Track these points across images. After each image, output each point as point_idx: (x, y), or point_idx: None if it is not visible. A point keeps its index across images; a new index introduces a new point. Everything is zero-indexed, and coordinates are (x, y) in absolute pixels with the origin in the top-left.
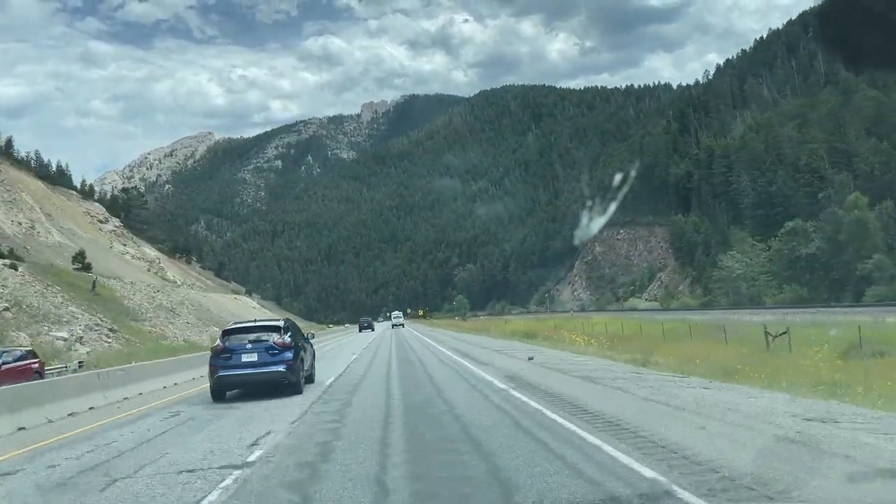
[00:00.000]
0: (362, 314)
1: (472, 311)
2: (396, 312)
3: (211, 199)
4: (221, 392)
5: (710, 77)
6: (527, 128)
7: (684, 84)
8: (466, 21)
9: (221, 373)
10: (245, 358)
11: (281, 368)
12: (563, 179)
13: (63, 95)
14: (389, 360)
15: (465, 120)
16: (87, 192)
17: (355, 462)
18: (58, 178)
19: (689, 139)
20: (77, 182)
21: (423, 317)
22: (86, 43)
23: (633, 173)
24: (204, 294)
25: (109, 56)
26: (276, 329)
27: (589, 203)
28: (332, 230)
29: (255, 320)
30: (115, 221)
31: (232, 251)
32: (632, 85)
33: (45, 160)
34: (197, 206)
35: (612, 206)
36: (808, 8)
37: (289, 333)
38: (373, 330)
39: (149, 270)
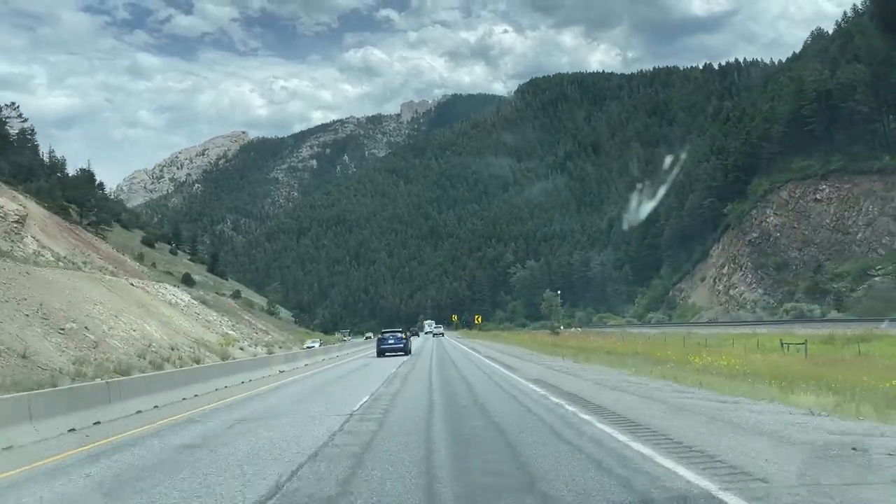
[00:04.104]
0: (395, 322)
1: (535, 322)
2: (429, 321)
3: (240, 199)
4: (380, 354)
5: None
6: (588, 112)
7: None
8: (506, 32)
9: (381, 346)
10: (389, 341)
11: (401, 345)
12: (646, 159)
13: (112, 106)
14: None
15: (517, 107)
16: None
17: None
18: None
19: None
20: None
21: (479, 326)
22: (134, 55)
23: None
24: (29, 271)
25: (156, 68)
26: (400, 331)
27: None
28: (364, 227)
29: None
30: None
31: (253, 250)
32: (709, 64)
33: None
34: (224, 206)
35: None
36: None
37: (403, 332)
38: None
39: None
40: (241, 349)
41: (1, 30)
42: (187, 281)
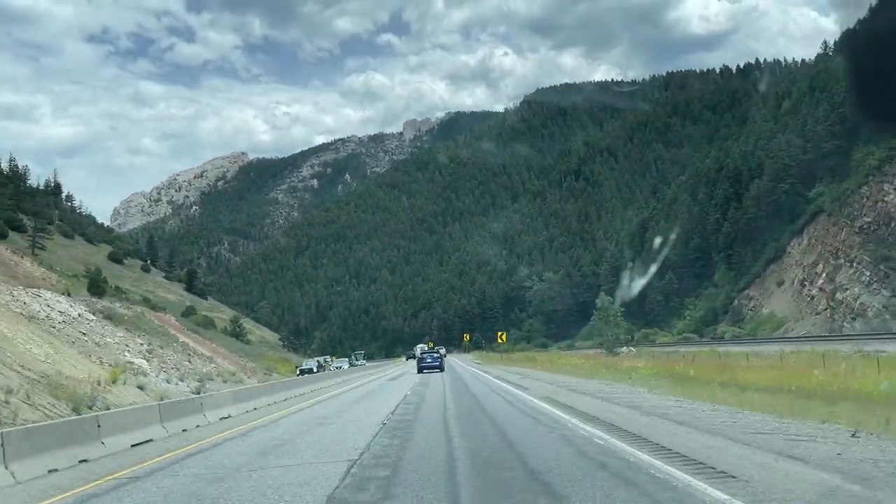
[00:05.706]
0: (397, 344)
1: (558, 342)
2: (422, 346)
3: (239, 220)
4: (420, 370)
5: None
6: (599, 120)
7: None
8: (506, 54)
9: (421, 364)
10: (427, 359)
11: (437, 363)
12: (673, 161)
13: (115, 134)
14: None
15: (524, 116)
16: None
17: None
18: None
19: None
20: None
21: (501, 347)
22: (137, 84)
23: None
24: None
25: (159, 96)
26: (437, 352)
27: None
28: (364, 243)
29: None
30: None
31: (248, 271)
32: (726, 67)
33: None
34: (222, 228)
35: None
36: None
37: (440, 353)
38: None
39: None
40: (141, 387)
41: (6, 60)
42: (95, 289)
